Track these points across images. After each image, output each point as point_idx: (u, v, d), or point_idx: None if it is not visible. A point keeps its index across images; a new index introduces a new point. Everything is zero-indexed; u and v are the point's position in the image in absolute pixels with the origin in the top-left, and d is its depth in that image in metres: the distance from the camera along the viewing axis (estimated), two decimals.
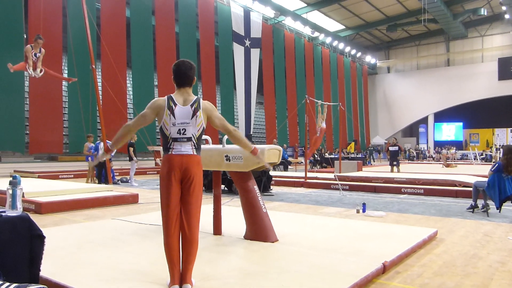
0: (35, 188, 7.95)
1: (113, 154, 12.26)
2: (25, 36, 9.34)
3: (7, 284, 1.61)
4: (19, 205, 2.19)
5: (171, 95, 2.93)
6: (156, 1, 18.68)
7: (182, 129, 2.83)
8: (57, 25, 15.41)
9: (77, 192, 8.07)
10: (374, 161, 28.77)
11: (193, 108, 2.86)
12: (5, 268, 1.98)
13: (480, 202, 6.70)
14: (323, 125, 14.26)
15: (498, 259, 3.86)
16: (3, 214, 2.17)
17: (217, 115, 3.00)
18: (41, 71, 9.57)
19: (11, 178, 2.28)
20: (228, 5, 21.85)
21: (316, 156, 23.82)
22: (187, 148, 2.84)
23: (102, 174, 11.70)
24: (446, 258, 3.88)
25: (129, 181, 12.29)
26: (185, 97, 2.91)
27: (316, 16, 29.27)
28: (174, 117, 2.82)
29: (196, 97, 2.95)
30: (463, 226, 5.50)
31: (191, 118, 2.84)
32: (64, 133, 16.91)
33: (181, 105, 2.86)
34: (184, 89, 2.95)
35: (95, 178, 12.13)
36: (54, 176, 12.91)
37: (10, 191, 2.16)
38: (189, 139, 2.84)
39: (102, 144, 11.57)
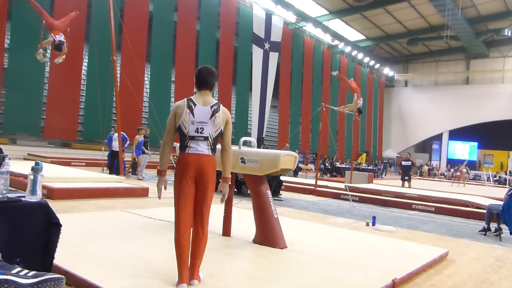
0: (48, 173, 8.01)
1: (126, 145, 12.38)
2: (43, 23, 9.45)
3: (26, 271, 1.61)
4: (39, 191, 2.20)
5: (191, 97, 2.99)
6: None
7: (200, 128, 2.87)
8: (81, 14, 15.57)
9: (88, 180, 8.15)
10: (385, 175, 28.54)
11: (212, 109, 2.91)
12: (20, 254, 1.99)
13: (493, 226, 6.58)
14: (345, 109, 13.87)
15: (510, 286, 3.78)
16: (23, 199, 2.19)
17: (230, 125, 3.06)
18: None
19: (33, 164, 2.29)
20: (251, 7, 21.90)
21: (326, 164, 23.71)
22: (203, 148, 2.87)
23: (113, 164, 11.77)
24: (456, 280, 3.81)
25: (141, 174, 12.34)
26: (205, 99, 2.96)
27: (337, 25, 29.19)
28: (193, 116, 2.87)
29: (217, 101, 3.01)
30: (474, 249, 5.40)
31: (210, 118, 2.89)
32: (79, 121, 17.10)
33: (201, 105, 2.91)
34: (204, 91, 3.00)
35: (106, 168, 12.24)
36: (66, 162, 13.05)
37: (32, 177, 2.18)
38: (206, 138, 2.88)
39: (116, 134, 11.66)
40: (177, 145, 3.46)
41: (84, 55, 17.63)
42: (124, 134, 12.03)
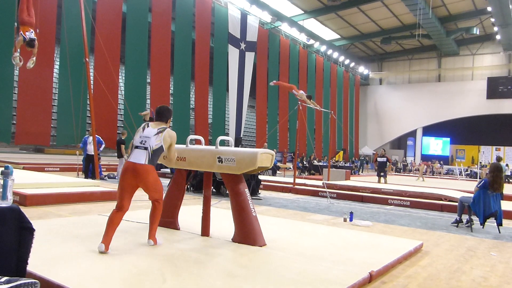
0: (20, 180, 7.80)
1: (101, 149, 12.17)
2: (16, 25, 9.14)
3: None
4: (10, 196, 2.14)
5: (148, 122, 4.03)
6: None
7: (144, 141, 3.82)
8: (51, 16, 15.23)
9: (63, 185, 7.97)
10: (362, 172, 28.98)
11: (159, 130, 3.86)
12: None
13: (465, 217, 6.79)
14: (302, 96, 13.58)
15: (481, 274, 3.92)
16: None
17: (173, 146, 4.01)
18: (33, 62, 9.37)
19: (3, 168, 2.24)
20: (226, 7, 21.86)
21: (305, 162, 23.91)
22: (141, 157, 3.78)
23: (89, 168, 11.56)
24: (431, 271, 3.92)
25: (116, 177, 12.18)
26: (157, 125, 3.93)
27: (312, 24, 29.46)
28: (143, 132, 3.87)
29: (166, 127, 3.95)
30: (448, 240, 5.56)
31: (154, 135, 3.83)
32: (52, 125, 16.69)
33: (152, 127, 3.90)
34: (160, 122, 3.97)
35: (82, 172, 12.00)
36: (39, 168, 12.71)
37: (1, 181, 2.12)
38: (145, 149, 3.79)
39: (91, 138, 11.45)
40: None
41: (56, 57, 17.22)
42: (99, 137, 11.83)
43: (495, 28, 27.78)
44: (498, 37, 29.45)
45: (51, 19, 15.16)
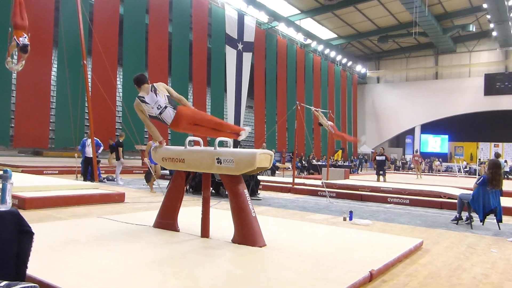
0: (18, 183, 7.78)
1: (99, 151, 12.15)
2: (10, 30, 9.11)
3: None
4: (9, 199, 2.14)
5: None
6: (150, 0, 18.60)
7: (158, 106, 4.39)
8: (49, 19, 15.22)
9: (62, 188, 7.96)
10: (361, 170, 29.00)
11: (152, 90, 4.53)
12: None
13: (464, 214, 6.80)
14: (329, 122, 13.53)
15: (481, 271, 3.92)
16: None
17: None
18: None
19: (1, 172, 2.23)
20: (223, 8, 21.85)
21: (303, 162, 23.91)
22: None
23: (88, 171, 11.53)
24: (431, 269, 3.92)
25: (115, 179, 12.17)
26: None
27: (309, 24, 29.48)
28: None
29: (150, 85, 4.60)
30: (447, 238, 5.57)
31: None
32: (50, 128, 16.66)
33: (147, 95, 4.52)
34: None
35: (80, 175, 11.98)
36: (38, 171, 12.70)
37: (0, 185, 2.12)
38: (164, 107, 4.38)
39: (89, 140, 11.42)
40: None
41: (53, 60, 17.19)
42: (98, 139, 11.81)
43: (491, 25, 27.84)
44: (494, 33, 29.52)
45: (48, 22, 15.16)
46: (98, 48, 13.84)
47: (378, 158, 15.44)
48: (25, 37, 8.73)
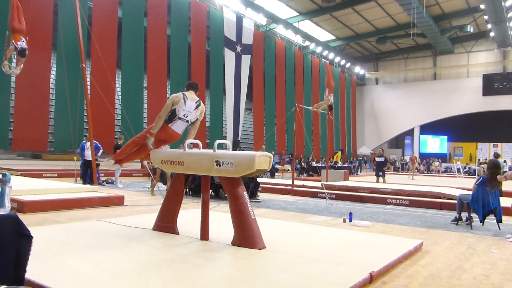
0: (17, 186, 7.77)
1: (99, 154, 12.13)
2: (7, 33, 9.11)
3: None
4: (8, 203, 2.13)
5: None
6: (148, 3, 18.61)
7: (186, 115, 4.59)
8: (48, 22, 15.23)
9: (61, 191, 7.94)
10: (360, 172, 29.01)
11: (196, 104, 4.66)
12: None
13: (464, 215, 6.80)
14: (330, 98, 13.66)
15: (482, 272, 3.91)
16: None
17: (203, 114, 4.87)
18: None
19: (0, 176, 2.23)
20: (221, 11, 21.89)
21: (303, 164, 23.91)
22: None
23: (87, 174, 11.52)
24: (431, 270, 3.92)
25: (114, 182, 12.15)
26: (193, 96, 4.70)
27: (307, 26, 29.52)
28: (185, 106, 4.55)
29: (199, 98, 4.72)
30: (447, 238, 5.56)
31: (194, 110, 4.64)
32: (49, 131, 16.65)
33: (190, 100, 4.62)
34: (192, 92, 4.75)
35: (79, 178, 11.96)
36: (37, 174, 12.68)
37: None
38: (187, 122, 4.63)
39: (88, 143, 11.41)
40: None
41: (52, 64, 17.19)
42: (97, 142, 11.80)
43: (489, 25, 27.89)
44: (492, 34, 29.57)
45: (47, 25, 15.16)
46: (97, 51, 13.85)
47: (377, 159, 15.45)
48: (23, 41, 8.74)
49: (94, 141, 11.30)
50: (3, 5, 13.94)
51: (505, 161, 22.41)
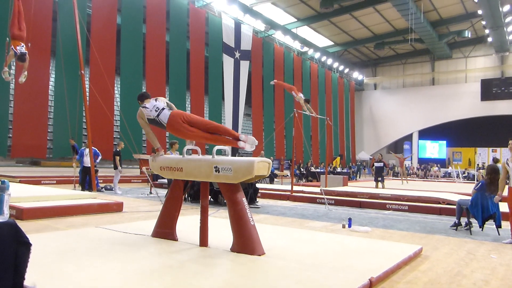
0: (16, 193, 7.75)
1: (98, 161, 12.12)
2: (7, 40, 9.11)
3: None
4: (6, 210, 2.13)
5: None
6: (147, 9, 18.70)
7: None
8: (47, 29, 15.27)
9: (60, 198, 7.92)
10: (359, 177, 29.00)
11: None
12: None
13: (464, 220, 6.80)
14: (300, 95, 13.75)
15: (482, 277, 3.91)
16: None
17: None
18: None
19: None
20: (219, 17, 21.99)
21: (302, 170, 23.90)
22: None
23: (86, 180, 11.50)
24: (431, 275, 3.91)
25: (113, 189, 12.13)
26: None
27: (305, 31, 29.65)
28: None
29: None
30: (447, 244, 5.56)
31: None
32: (48, 137, 16.64)
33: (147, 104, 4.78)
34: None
35: (78, 184, 11.93)
36: (36, 181, 12.64)
37: None
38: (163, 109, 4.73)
39: (87, 150, 11.40)
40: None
41: (51, 70, 17.21)
42: (96, 149, 11.79)
43: (487, 31, 28.07)
44: (489, 39, 29.72)
45: (46, 32, 15.21)
46: (96, 58, 13.87)
47: (376, 164, 15.45)
48: (23, 46, 8.74)
49: (93, 147, 11.31)
50: (3, 9, 14.00)
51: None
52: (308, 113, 13.59)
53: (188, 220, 5.87)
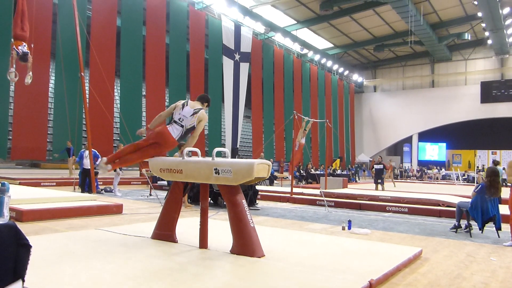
0: (16, 195, 7.72)
1: (97, 163, 12.11)
2: (12, 41, 9.11)
3: None
4: (6, 212, 2.14)
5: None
6: (147, 11, 18.73)
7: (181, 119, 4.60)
8: (47, 32, 15.30)
9: (59, 200, 7.91)
10: (359, 179, 28.99)
11: (194, 111, 4.62)
12: None
13: (463, 223, 6.79)
14: (302, 140, 14.02)
15: (481, 280, 3.90)
16: None
17: (202, 124, 4.69)
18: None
19: None
20: (219, 19, 22.03)
21: (302, 172, 23.88)
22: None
23: (85, 182, 11.49)
24: (431, 278, 3.91)
25: (113, 191, 12.12)
26: (194, 106, 4.68)
27: (305, 34, 29.72)
28: (182, 110, 4.62)
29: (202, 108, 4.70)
30: (447, 246, 5.55)
31: (190, 116, 4.60)
32: (48, 140, 16.64)
33: (189, 107, 4.64)
34: (197, 102, 4.75)
35: (78, 186, 11.92)
36: (36, 183, 12.62)
37: None
38: (182, 126, 4.60)
39: (87, 152, 11.39)
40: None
41: (51, 72, 17.22)
42: (96, 151, 11.78)
43: (486, 33, 28.13)
44: (489, 41, 29.80)
45: (46, 34, 15.23)
46: (96, 60, 13.90)
47: (376, 166, 15.46)
48: (24, 46, 8.74)
49: (92, 149, 11.30)
50: (6, 9, 14.05)
51: (504, 168, 22.45)
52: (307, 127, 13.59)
53: (188, 222, 5.87)
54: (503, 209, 6.67)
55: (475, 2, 23.03)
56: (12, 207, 6.52)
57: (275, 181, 20.25)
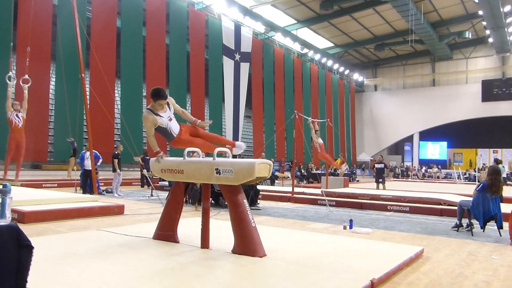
0: (18, 197, 7.75)
1: (98, 163, 12.13)
2: (12, 44, 9.13)
3: None
4: (8, 214, 2.14)
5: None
6: (147, 12, 18.73)
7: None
8: (47, 33, 15.31)
9: (61, 201, 7.92)
10: (355, 178, 28.98)
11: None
12: None
13: (465, 221, 6.79)
14: (320, 140, 13.85)
15: (483, 279, 3.90)
16: None
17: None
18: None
19: (1, 186, 2.23)
20: (219, 19, 22.03)
21: (303, 171, 23.89)
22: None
23: (87, 183, 11.51)
24: (432, 277, 3.91)
25: (113, 191, 12.11)
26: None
27: (305, 33, 29.71)
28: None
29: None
30: (448, 245, 5.55)
31: None
32: (49, 141, 16.65)
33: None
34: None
35: (79, 188, 11.95)
36: (37, 185, 12.64)
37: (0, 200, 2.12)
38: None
39: (88, 153, 11.42)
40: None
41: (52, 74, 17.24)
42: (97, 152, 11.81)
43: (487, 31, 28.09)
44: (490, 40, 29.75)
45: (46, 36, 15.25)
46: (96, 61, 13.91)
47: (377, 166, 15.45)
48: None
49: (93, 150, 11.32)
50: (6, 13, 14.06)
51: (503, 166, 22.42)
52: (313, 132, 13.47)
53: (189, 222, 5.87)
54: (505, 208, 6.66)
55: (476, 0, 23.01)
56: (14, 209, 6.53)
57: (276, 181, 20.25)
